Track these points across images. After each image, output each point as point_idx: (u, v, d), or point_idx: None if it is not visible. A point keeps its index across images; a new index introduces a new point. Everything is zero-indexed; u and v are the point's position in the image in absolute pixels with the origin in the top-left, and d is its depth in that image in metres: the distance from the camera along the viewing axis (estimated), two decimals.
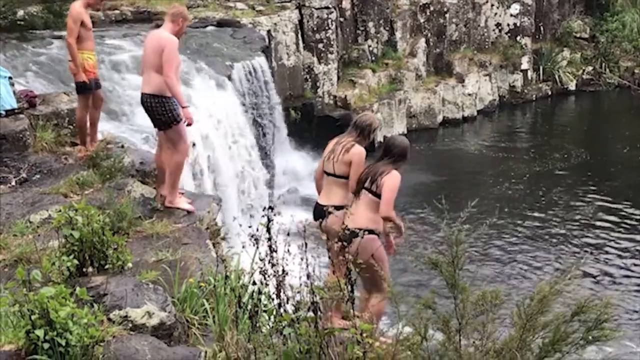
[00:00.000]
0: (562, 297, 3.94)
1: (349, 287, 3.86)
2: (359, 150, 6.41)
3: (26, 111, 8.25)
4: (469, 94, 19.85)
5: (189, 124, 7.23)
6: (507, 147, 17.94)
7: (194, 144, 9.70)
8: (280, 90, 15.80)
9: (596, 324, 3.63)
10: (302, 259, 3.68)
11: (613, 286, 11.03)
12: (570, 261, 8.81)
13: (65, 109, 8.34)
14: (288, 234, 4.03)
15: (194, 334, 4.83)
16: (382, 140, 17.56)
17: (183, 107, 7.04)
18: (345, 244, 4.02)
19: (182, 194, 7.78)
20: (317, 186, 6.77)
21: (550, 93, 21.41)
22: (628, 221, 13.29)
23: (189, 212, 7.31)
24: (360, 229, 6.06)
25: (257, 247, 4.14)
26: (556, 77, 21.43)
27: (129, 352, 4.09)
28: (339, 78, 17.91)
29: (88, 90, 8.15)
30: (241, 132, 13.35)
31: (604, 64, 21.87)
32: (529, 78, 21.16)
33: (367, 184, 6.28)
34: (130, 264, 5.13)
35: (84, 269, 4.93)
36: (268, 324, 4.16)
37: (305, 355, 3.80)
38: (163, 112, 7.08)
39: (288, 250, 3.95)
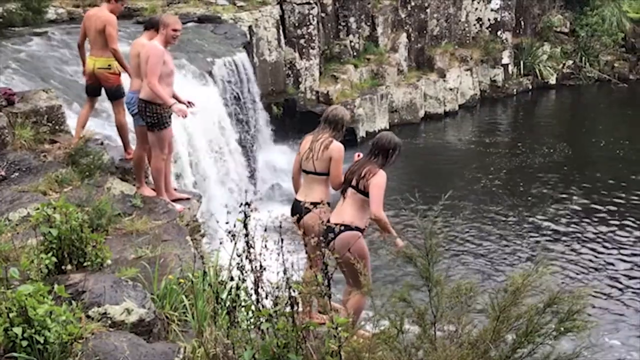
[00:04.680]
0: (536, 288, 4.01)
1: (326, 281, 3.89)
2: (337, 146, 6.45)
3: (5, 109, 8.21)
4: (451, 89, 19.96)
5: (184, 116, 7.61)
6: (488, 142, 18.07)
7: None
8: (262, 86, 15.83)
9: (568, 315, 3.69)
10: (278, 254, 3.71)
11: (591, 278, 11.17)
12: (544, 253, 8.94)
13: (44, 107, 8.29)
14: (265, 230, 4.06)
15: (174, 330, 4.84)
16: (364, 135, 17.66)
17: (170, 106, 7.26)
18: (322, 238, 4.05)
19: (175, 190, 8.28)
20: (295, 185, 6.79)
21: (530, 87, 21.58)
22: (606, 214, 13.44)
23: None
24: (342, 225, 6.12)
25: (235, 243, 4.16)
26: (537, 71, 21.60)
27: (108, 348, 4.10)
28: (321, 73, 17.94)
29: (123, 94, 8.37)
30: (223, 127, 13.34)
31: (584, 58, 22.08)
32: (510, 72, 21.31)
33: (354, 183, 6.31)
34: (109, 261, 5.12)
35: (63, 267, 4.92)
36: (246, 320, 4.19)
37: (283, 349, 3.84)
38: (149, 116, 7.48)
39: (265, 246, 3.98)
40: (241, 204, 3.95)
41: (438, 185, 15.15)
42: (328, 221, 6.22)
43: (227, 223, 4.04)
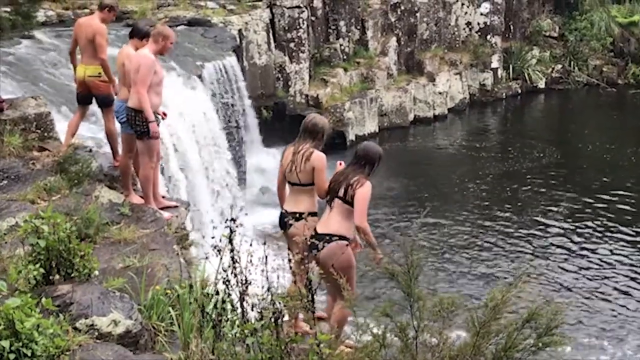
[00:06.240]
0: (521, 300, 4.09)
1: (310, 296, 3.96)
2: (319, 156, 6.45)
3: None
4: (440, 93, 20.04)
5: (153, 137, 7.61)
6: (477, 146, 18.16)
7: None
8: (252, 90, 15.85)
9: (546, 330, 3.77)
10: (262, 271, 3.77)
11: (579, 283, 11.26)
12: (525, 267, 8.97)
13: (32, 114, 8.31)
14: (250, 244, 4.12)
15: (160, 341, 4.89)
16: (354, 139, 17.72)
17: (149, 122, 7.33)
18: (310, 252, 4.11)
19: (163, 197, 8.33)
20: (280, 196, 6.81)
21: (520, 91, 21.68)
22: (593, 218, 13.54)
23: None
24: (329, 235, 6.18)
25: (221, 257, 4.22)
26: (526, 75, 21.70)
27: None
28: (310, 77, 17.99)
29: (112, 102, 8.39)
30: (212, 131, 13.37)
31: (572, 63, 22.21)
32: (499, 76, 21.40)
33: (340, 193, 6.34)
34: (96, 272, 5.16)
35: (51, 277, 4.96)
36: (232, 333, 4.24)
37: None
38: (138, 124, 7.55)
39: (250, 261, 4.04)
40: (227, 219, 4.01)
41: (427, 189, 15.24)
42: (315, 231, 6.30)
43: (212, 238, 4.10)
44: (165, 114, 8.17)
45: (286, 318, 5.62)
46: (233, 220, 3.99)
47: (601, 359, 9.44)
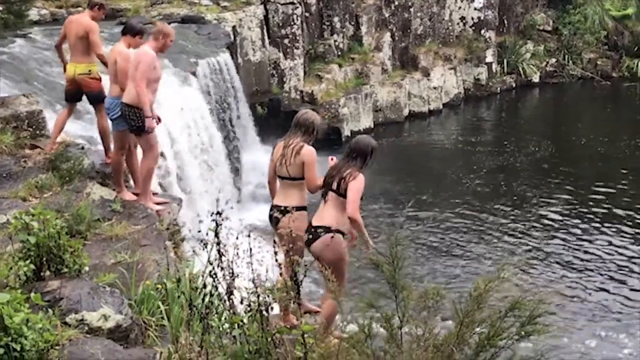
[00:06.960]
0: (502, 292, 4.13)
1: (296, 288, 4.00)
2: (309, 150, 6.48)
3: None
4: (435, 88, 20.08)
5: (150, 132, 7.67)
6: (471, 140, 18.18)
7: (162, 153, 9.91)
8: (247, 86, 15.88)
9: (529, 319, 3.81)
10: (248, 263, 3.81)
11: (573, 276, 11.28)
12: (513, 259, 8.96)
13: (24, 112, 8.34)
14: (237, 237, 4.15)
15: (151, 335, 4.93)
16: (349, 134, 17.75)
17: (146, 117, 7.35)
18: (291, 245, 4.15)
19: (155, 194, 8.34)
20: (271, 190, 6.84)
21: (514, 85, 21.73)
22: (586, 211, 13.57)
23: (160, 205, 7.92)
24: (317, 227, 6.23)
25: (209, 251, 4.26)
26: (520, 69, 21.74)
27: (83, 355, 4.18)
28: (305, 73, 18.01)
29: (104, 99, 8.40)
30: (207, 128, 13.39)
31: (566, 56, 22.26)
32: (494, 71, 21.44)
33: (334, 186, 6.38)
34: (87, 268, 5.19)
35: (42, 273, 4.99)
36: (219, 326, 4.28)
37: (255, 355, 3.94)
38: (133, 119, 7.59)
39: (237, 254, 4.07)
40: (212, 212, 4.04)
41: (422, 184, 15.27)
42: (310, 224, 6.36)
43: (199, 232, 4.13)
44: (159, 119, 8.16)
45: (277, 311, 5.70)
46: (219, 213, 4.02)
47: (624, 353, 9.42)
